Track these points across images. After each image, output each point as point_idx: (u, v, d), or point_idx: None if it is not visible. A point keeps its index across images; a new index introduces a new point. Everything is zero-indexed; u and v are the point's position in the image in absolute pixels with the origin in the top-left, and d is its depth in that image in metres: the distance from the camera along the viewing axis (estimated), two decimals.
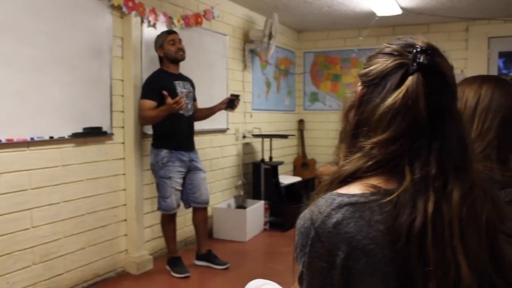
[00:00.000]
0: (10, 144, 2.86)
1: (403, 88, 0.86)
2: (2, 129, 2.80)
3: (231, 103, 4.02)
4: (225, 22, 5.11)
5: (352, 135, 0.96)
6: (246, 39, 5.50)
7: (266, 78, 6.18)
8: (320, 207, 0.86)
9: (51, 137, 3.12)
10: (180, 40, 3.74)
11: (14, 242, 2.93)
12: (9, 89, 2.83)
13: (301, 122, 7.20)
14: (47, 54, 3.08)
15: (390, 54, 0.92)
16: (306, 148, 7.09)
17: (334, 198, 0.86)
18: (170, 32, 3.77)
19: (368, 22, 6.07)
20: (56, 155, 3.19)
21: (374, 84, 0.92)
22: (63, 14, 3.20)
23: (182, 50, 3.73)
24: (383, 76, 0.90)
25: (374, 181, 0.87)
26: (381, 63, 0.92)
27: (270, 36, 5.31)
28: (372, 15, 5.64)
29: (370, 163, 0.88)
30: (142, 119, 3.67)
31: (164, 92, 3.54)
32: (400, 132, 0.86)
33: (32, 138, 2.98)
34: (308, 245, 0.85)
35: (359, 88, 0.96)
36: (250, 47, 5.54)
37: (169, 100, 3.49)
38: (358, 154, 0.91)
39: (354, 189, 0.87)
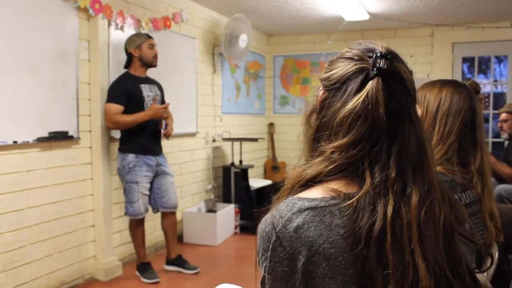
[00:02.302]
0: None
1: (363, 93, 0.87)
2: None
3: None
4: (194, 26, 5.09)
5: (313, 139, 0.97)
6: (215, 42, 5.49)
7: (236, 81, 6.18)
8: (281, 211, 0.87)
9: (15, 142, 3.04)
10: (155, 46, 3.72)
11: None
12: None
13: (271, 125, 7.22)
14: (8, 56, 3.00)
15: (351, 58, 0.93)
16: (276, 151, 7.11)
17: (295, 202, 0.87)
18: (149, 36, 3.71)
19: (337, 27, 6.14)
20: (20, 160, 3.12)
21: (335, 88, 0.93)
22: (26, 15, 3.12)
23: (156, 56, 3.71)
24: (344, 80, 0.91)
25: (335, 185, 0.88)
26: (342, 68, 0.93)
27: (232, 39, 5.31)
28: (340, 19, 5.71)
29: (331, 167, 0.89)
30: (112, 124, 3.58)
31: (155, 97, 3.55)
32: (360, 136, 0.87)
33: None
34: (270, 250, 0.86)
35: (320, 92, 0.97)
36: (220, 50, 5.53)
37: (156, 105, 3.47)
38: (319, 158, 0.91)
39: (315, 193, 0.88)
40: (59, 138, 3.38)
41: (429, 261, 0.83)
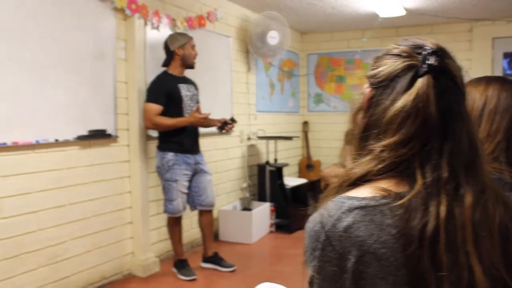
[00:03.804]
0: (15, 147, 2.87)
1: (413, 91, 0.85)
2: (7, 132, 2.80)
3: (223, 125, 3.89)
4: (228, 24, 5.11)
5: (360, 138, 0.95)
6: (250, 40, 5.50)
7: (270, 79, 6.18)
8: (330, 210, 0.85)
9: (56, 140, 3.12)
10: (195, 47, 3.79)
11: (20, 245, 2.92)
12: (13, 92, 2.84)
13: (305, 123, 7.18)
14: (50, 57, 3.08)
15: (398, 55, 0.91)
16: (311, 149, 7.07)
17: (344, 201, 0.85)
18: (191, 37, 3.76)
19: (371, 24, 6.06)
20: (61, 157, 3.19)
21: (383, 86, 0.91)
22: (66, 17, 3.20)
23: (196, 57, 3.78)
24: (392, 78, 0.89)
25: (384, 184, 0.86)
26: (390, 65, 0.91)
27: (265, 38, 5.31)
28: (375, 16, 5.63)
29: (380, 166, 0.87)
30: (151, 124, 3.63)
31: (198, 105, 3.63)
32: (410, 135, 0.85)
33: (37, 141, 2.98)
34: (318, 249, 0.84)
35: (367, 90, 0.95)
36: (251, 48, 5.53)
37: (197, 114, 3.52)
38: (368, 157, 0.89)
39: (364, 192, 0.86)
40: (98, 136, 3.45)
41: (485, 264, 0.80)
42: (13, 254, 2.88)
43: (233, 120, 3.89)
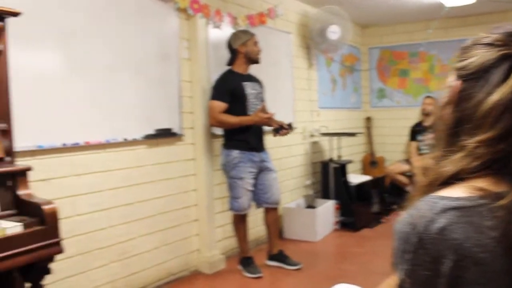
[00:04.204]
0: (87, 147, 2.97)
1: (510, 82, 0.79)
2: (79, 132, 2.90)
3: (278, 128, 3.81)
4: (288, 20, 5.08)
5: (450, 134, 0.89)
6: (310, 36, 5.43)
7: (332, 75, 6.09)
8: (421, 210, 0.80)
9: (125, 139, 3.20)
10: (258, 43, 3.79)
11: (93, 241, 3.02)
12: (84, 94, 2.94)
13: (368, 119, 7.03)
14: (117, 59, 3.17)
15: (491, 44, 0.84)
16: (374, 146, 6.91)
17: (436, 201, 0.80)
18: (253, 34, 3.79)
19: (436, 14, 5.83)
20: (130, 156, 3.28)
21: (474, 78, 0.85)
22: (132, 19, 3.28)
23: (260, 53, 3.78)
24: (485, 69, 0.83)
25: (481, 183, 0.80)
26: (481, 55, 0.85)
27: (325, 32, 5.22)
28: (441, 6, 5.41)
29: (475, 163, 0.81)
30: (216, 122, 3.67)
31: (263, 104, 3.65)
32: (509, 129, 0.79)
33: (107, 141, 3.07)
34: (410, 252, 0.80)
35: (455, 82, 0.89)
36: (312, 43, 5.47)
37: (262, 114, 3.52)
38: (460, 154, 0.83)
39: (458, 191, 0.80)
40: (164, 135, 3.52)
41: None
42: (87, 250, 2.99)
43: (290, 126, 3.83)
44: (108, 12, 3.11)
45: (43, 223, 1.86)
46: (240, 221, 3.81)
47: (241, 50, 3.72)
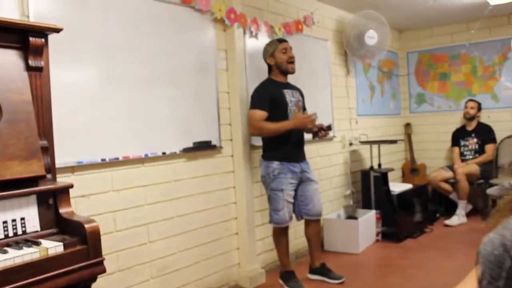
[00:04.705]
0: (126, 162, 2.93)
1: None
2: (118, 147, 2.87)
3: (318, 131, 3.73)
4: (325, 27, 4.98)
5: None
6: (347, 42, 5.32)
7: (370, 81, 5.95)
8: None
9: (164, 153, 3.16)
10: (291, 48, 3.66)
11: (133, 257, 2.98)
12: (122, 108, 2.91)
13: (408, 125, 6.84)
14: (155, 72, 3.13)
15: None
16: (414, 152, 6.71)
17: None
18: (281, 40, 3.69)
19: (478, 13, 5.63)
20: (168, 170, 3.23)
21: None
22: (169, 32, 3.25)
23: (293, 58, 3.65)
24: None
25: None
26: None
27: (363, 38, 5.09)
28: (484, 4, 5.21)
29: None
30: (256, 130, 3.57)
31: (299, 105, 3.54)
32: None
33: (146, 155, 3.03)
34: (502, 278, 0.69)
35: None
36: (349, 50, 5.34)
37: (300, 115, 3.42)
38: None
39: None
40: (203, 148, 3.46)
41: None
42: (128, 266, 2.94)
43: (329, 128, 3.73)
44: (146, 25, 3.09)
45: (84, 242, 1.81)
46: (281, 234, 3.70)
47: (271, 63, 3.66)
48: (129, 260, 2.96)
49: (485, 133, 5.99)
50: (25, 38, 1.90)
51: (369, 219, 4.84)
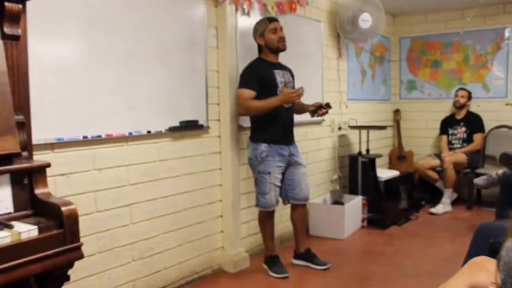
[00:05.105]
0: (109, 140, 2.81)
1: None
2: (101, 124, 2.75)
3: (317, 109, 3.63)
4: (319, 8, 4.85)
5: None
6: (340, 25, 5.19)
7: (361, 66, 5.85)
8: None
9: (149, 132, 3.04)
10: (281, 28, 3.52)
11: (114, 238, 2.88)
12: (105, 84, 2.78)
13: (397, 112, 6.77)
14: (141, 48, 2.99)
15: None
16: (402, 139, 6.65)
17: None
18: (271, 19, 3.55)
19: (472, 1, 5.54)
20: (153, 150, 3.12)
21: None
22: (157, 6, 3.10)
23: (283, 39, 3.51)
24: None
25: None
26: None
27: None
28: None
29: None
30: (243, 109, 3.46)
31: (287, 82, 3.44)
32: None
33: (130, 133, 2.91)
34: None
35: None
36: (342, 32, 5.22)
37: (286, 90, 3.30)
38: None
39: None
40: (189, 127, 3.35)
41: None
42: (108, 248, 2.85)
43: (328, 106, 3.62)
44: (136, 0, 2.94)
45: (61, 226, 1.70)
46: (266, 218, 3.63)
47: (261, 42, 3.53)
48: (110, 242, 2.86)
49: (474, 123, 5.97)
50: (0, 3, 1.75)
51: (355, 205, 4.79)
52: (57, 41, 2.53)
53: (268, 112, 3.40)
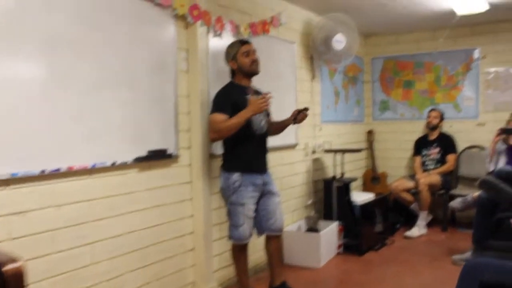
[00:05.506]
0: (70, 173, 2.58)
1: None
2: (61, 156, 2.51)
3: (296, 116, 3.49)
4: (292, 29, 4.73)
5: None
6: (314, 46, 5.08)
7: (335, 87, 5.75)
8: None
9: (114, 163, 2.82)
10: (254, 51, 3.35)
11: (74, 281, 2.63)
12: (66, 112, 2.55)
13: (370, 133, 6.69)
14: (107, 71, 2.78)
15: None
16: (376, 160, 6.58)
17: None
18: (243, 42, 3.37)
19: (444, 23, 5.54)
20: (119, 182, 2.89)
21: None
22: (125, 26, 2.90)
23: (256, 62, 3.35)
24: None
25: None
26: None
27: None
28: (451, 14, 5.10)
29: None
30: (214, 133, 3.23)
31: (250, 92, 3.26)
32: None
33: (93, 165, 2.69)
34: None
35: None
36: (315, 54, 5.11)
37: (254, 99, 3.12)
38: None
39: None
40: (158, 157, 3.14)
41: None
42: None
43: (305, 109, 3.46)
44: (98, 17, 2.73)
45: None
46: (240, 251, 3.42)
47: (233, 66, 3.34)
48: (70, 285, 2.60)
49: (447, 143, 5.94)
50: None
51: (331, 231, 4.64)
52: (12, 64, 2.30)
53: (240, 139, 3.22)
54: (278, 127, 3.63)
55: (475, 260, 2.25)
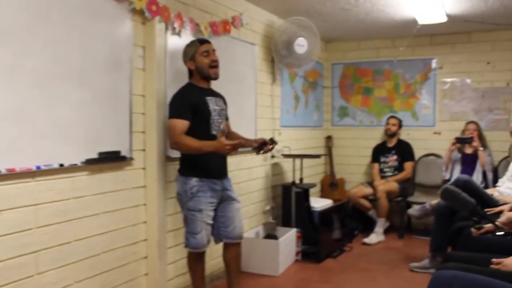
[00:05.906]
0: (12, 175, 2.36)
1: None
2: (1, 157, 2.30)
3: (261, 145, 3.32)
4: (254, 31, 4.63)
5: None
6: (275, 49, 4.99)
7: (295, 91, 5.68)
8: None
9: (61, 165, 2.61)
10: (214, 51, 3.20)
11: None
12: (9, 109, 2.34)
13: (329, 138, 6.67)
14: (54, 67, 2.58)
15: None
16: (334, 166, 6.55)
17: None
18: (202, 41, 3.21)
19: (404, 31, 5.58)
20: (67, 185, 2.69)
21: None
22: (75, 20, 2.70)
23: (216, 62, 3.19)
24: None
25: None
26: None
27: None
28: (413, 23, 5.14)
29: None
30: (174, 144, 3.08)
31: (223, 127, 3.10)
32: None
33: (38, 167, 2.48)
34: None
35: None
36: (276, 57, 5.03)
37: (223, 140, 2.96)
38: None
39: None
40: (110, 159, 2.95)
41: None
42: None
43: (272, 141, 3.34)
44: (49, 9, 2.53)
45: None
46: (197, 259, 3.26)
47: (191, 67, 3.18)
48: None
49: (404, 151, 5.99)
50: None
51: (289, 238, 4.55)
52: None
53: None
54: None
55: (442, 273, 2.19)
